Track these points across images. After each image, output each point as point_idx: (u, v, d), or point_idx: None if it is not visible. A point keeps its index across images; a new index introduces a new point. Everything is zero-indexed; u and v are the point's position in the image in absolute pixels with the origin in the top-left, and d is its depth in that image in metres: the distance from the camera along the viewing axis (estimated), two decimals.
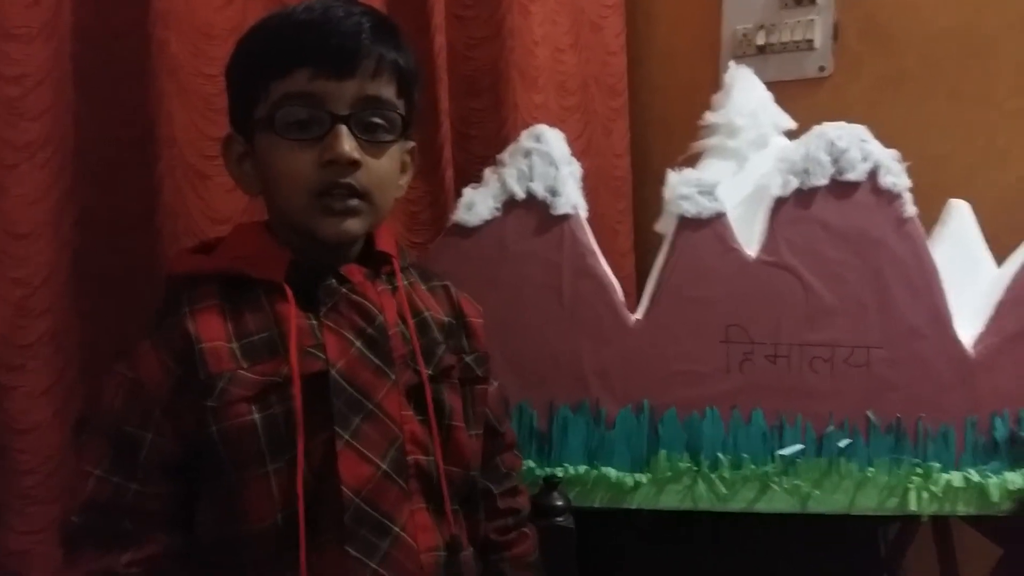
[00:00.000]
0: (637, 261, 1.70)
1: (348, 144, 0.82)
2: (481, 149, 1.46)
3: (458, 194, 1.23)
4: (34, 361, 0.97)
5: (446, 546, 0.85)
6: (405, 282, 0.92)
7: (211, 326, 0.81)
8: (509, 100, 1.45)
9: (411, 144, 0.93)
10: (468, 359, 0.95)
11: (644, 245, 1.69)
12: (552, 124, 1.24)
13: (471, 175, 1.36)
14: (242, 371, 0.80)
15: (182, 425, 0.80)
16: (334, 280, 0.85)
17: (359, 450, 0.81)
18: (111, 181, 1.05)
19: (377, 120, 0.84)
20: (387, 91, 0.85)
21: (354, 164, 0.82)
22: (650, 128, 1.77)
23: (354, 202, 0.83)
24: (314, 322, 0.83)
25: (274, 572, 0.80)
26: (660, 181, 1.19)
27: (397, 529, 0.81)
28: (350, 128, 0.82)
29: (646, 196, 1.71)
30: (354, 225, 0.85)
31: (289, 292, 0.83)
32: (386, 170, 0.86)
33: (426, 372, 0.87)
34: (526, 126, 1.40)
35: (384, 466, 0.82)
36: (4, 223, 0.96)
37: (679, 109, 1.72)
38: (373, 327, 0.85)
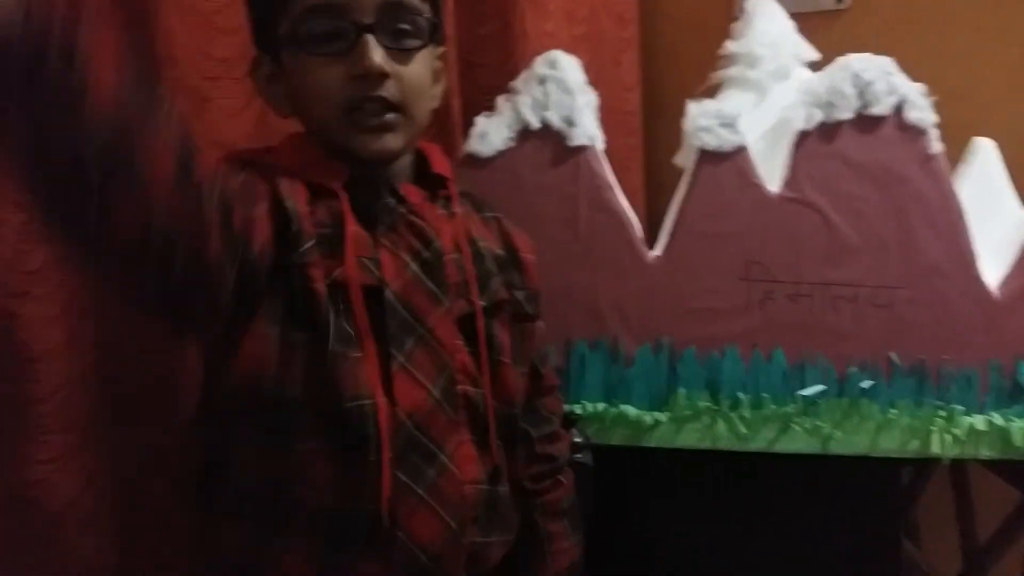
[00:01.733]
0: (647, 198, 1.66)
1: (377, 55, 0.79)
2: (488, 78, 1.40)
3: (465, 124, 1.19)
4: (40, 287, 0.93)
5: (488, 479, 0.84)
6: (461, 210, 0.89)
7: (296, 194, 0.78)
8: (517, 27, 1.39)
9: (441, 49, 0.90)
10: (519, 295, 0.92)
11: (655, 182, 1.65)
12: None
13: (478, 105, 1.31)
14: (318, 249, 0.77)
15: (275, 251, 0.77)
16: (392, 199, 0.83)
17: (412, 373, 0.79)
18: None
19: (404, 26, 0.81)
20: None
21: (383, 75, 0.79)
22: (661, 60, 1.72)
23: (389, 116, 0.81)
24: (370, 238, 0.81)
25: (309, 456, 0.77)
26: (671, 115, 1.15)
27: (444, 458, 0.80)
28: (377, 37, 0.79)
29: (657, 131, 1.66)
30: (392, 141, 0.82)
31: (344, 197, 0.80)
32: (419, 78, 0.83)
33: (480, 304, 0.85)
34: (535, 55, 1.34)
35: (435, 393, 0.80)
36: None
37: (691, 40, 1.67)
38: (429, 251, 0.82)
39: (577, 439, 1.04)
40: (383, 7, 0.80)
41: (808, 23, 1.48)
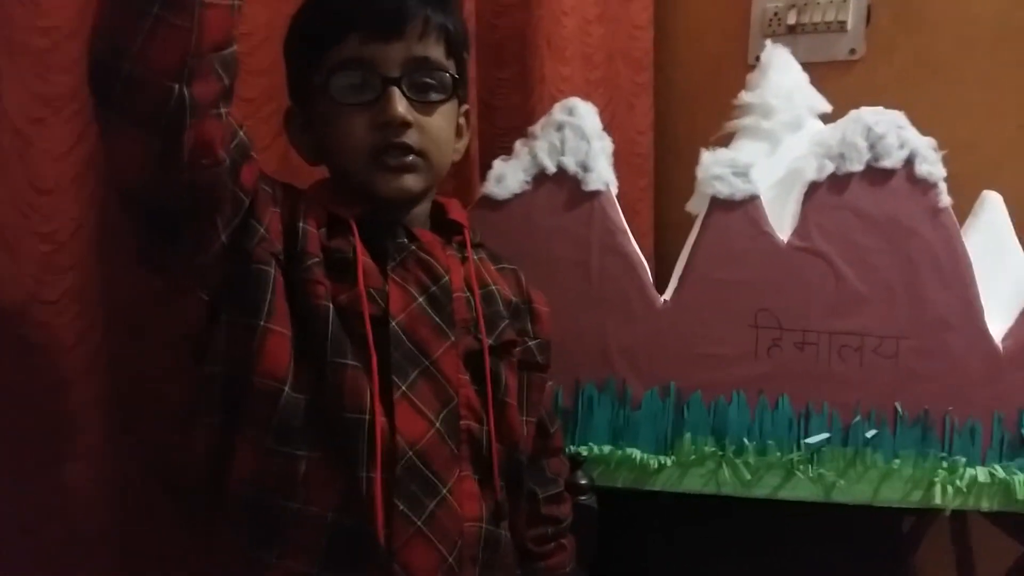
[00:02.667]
0: (656, 241, 1.69)
1: (400, 105, 0.84)
2: (505, 120, 1.44)
3: (483, 165, 1.21)
4: (59, 318, 0.95)
5: (490, 519, 0.85)
6: (475, 256, 0.93)
7: (313, 219, 0.83)
8: (536, 71, 1.43)
9: (465, 107, 0.95)
10: (531, 343, 0.95)
11: (664, 225, 1.67)
12: (577, 97, 1.22)
13: (495, 147, 1.34)
14: (325, 270, 0.81)
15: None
16: (405, 238, 0.87)
17: (415, 404, 0.81)
18: None
19: (428, 80, 0.86)
20: (436, 52, 0.87)
21: (406, 124, 0.84)
22: (674, 105, 1.75)
23: (410, 158, 0.85)
24: (380, 274, 0.84)
25: (311, 468, 0.79)
26: (682, 160, 1.18)
27: (445, 491, 0.81)
28: (401, 89, 0.84)
29: (668, 175, 1.69)
30: (411, 181, 0.86)
31: (354, 227, 0.84)
32: (439, 128, 0.88)
33: (487, 341, 0.87)
34: (552, 98, 1.38)
35: (438, 425, 0.82)
36: (29, 177, 0.94)
37: (705, 87, 1.70)
38: (437, 286, 0.86)
39: (582, 481, 1.05)
40: (409, 62, 0.85)
41: (821, 73, 1.50)
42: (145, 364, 1.01)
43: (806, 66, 1.38)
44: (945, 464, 1.09)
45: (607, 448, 1.12)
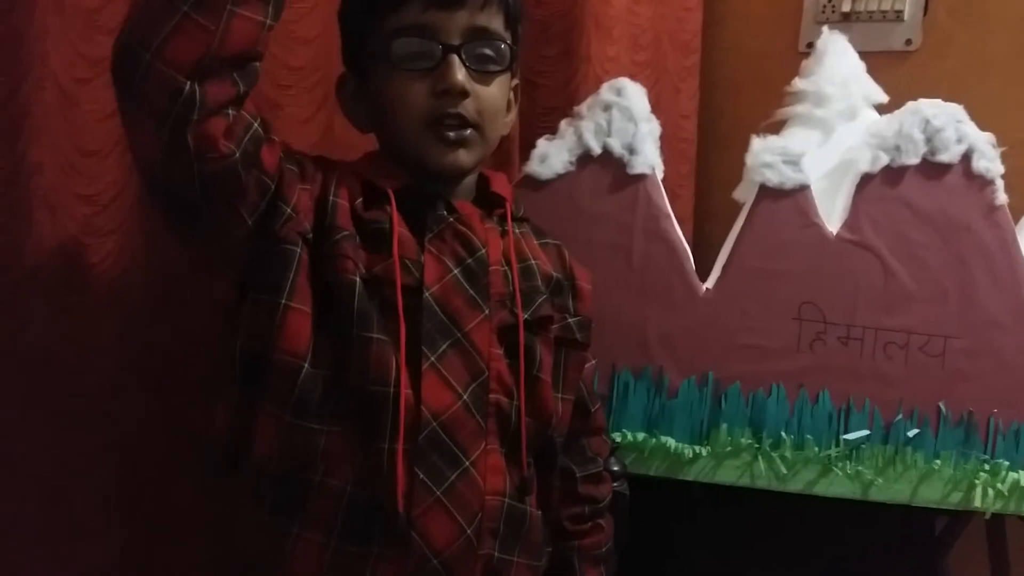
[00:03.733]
0: (695, 229, 1.66)
1: (460, 74, 0.83)
2: (548, 99, 1.41)
3: (523, 144, 1.20)
4: (98, 281, 0.95)
5: (514, 494, 0.84)
6: (517, 230, 0.92)
7: (348, 193, 0.83)
8: (582, 50, 1.40)
9: (516, 81, 0.94)
10: (571, 320, 0.94)
11: (704, 213, 1.64)
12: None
13: (536, 126, 1.32)
14: (357, 242, 0.81)
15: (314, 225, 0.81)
16: (444, 210, 0.86)
17: (443, 375, 0.80)
18: None
19: (486, 51, 0.86)
20: (495, 22, 0.86)
21: (465, 93, 0.84)
22: (720, 91, 1.72)
23: (466, 132, 0.85)
24: (417, 244, 0.84)
25: (333, 443, 0.79)
26: (726, 146, 1.16)
27: (467, 463, 0.80)
28: (461, 58, 0.83)
29: (710, 161, 1.66)
30: (464, 157, 0.86)
31: (393, 200, 0.83)
32: (495, 99, 0.87)
33: (522, 315, 0.86)
34: (597, 78, 1.35)
35: (465, 397, 0.81)
36: (74, 139, 0.94)
37: (753, 73, 1.67)
38: (474, 258, 0.85)
39: (614, 467, 1.04)
40: (469, 31, 0.84)
41: (876, 63, 1.46)
42: (183, 331, 1.01)
43: (861, 56, 1.34)
44: (987, 467, 1.07)
45: (641, 435, 1.11)
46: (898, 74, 1.54)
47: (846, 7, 1.58)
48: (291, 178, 0.80)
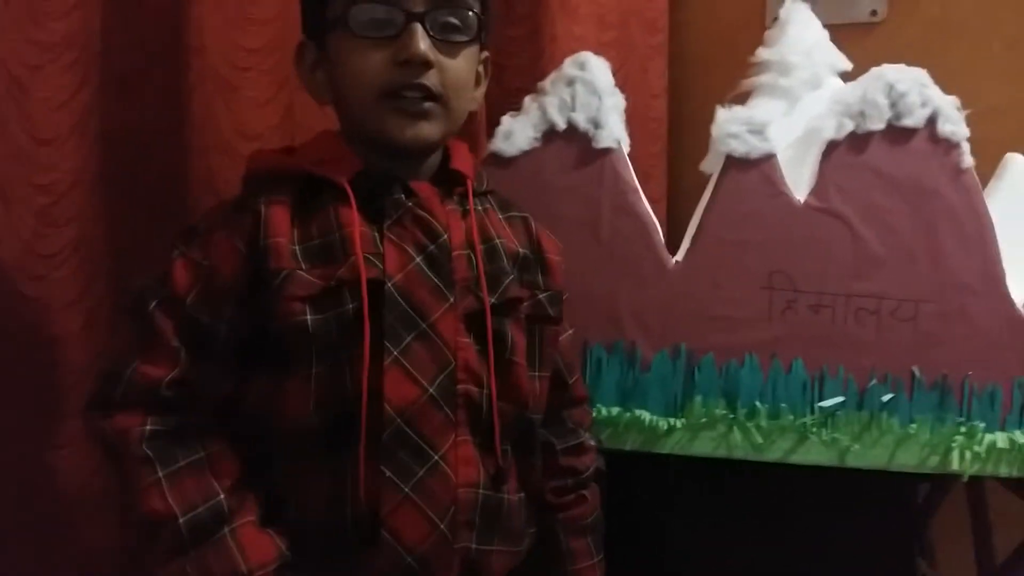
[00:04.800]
0: (669, 208, 1.65)
1: (423, 43, 0.79)
2: (515, 80, 1.40)
3: (489, 125, 1.19)
4: (58, 271, 0.94)
5: (488, 484, 0.82)
6: (479, 207, 0.89)
7: (280, 223, 0.80)
8: (547, 30, 1.39)
9: (485, 54, 0.90)
10: (541, 296, 0.91)
11: (677, 191, 1.63)
12: None
13: (503, 106, 1.30)
14: (300, 272, 0.78)
15: (254, 314, 0.78)
16: (402, 194, 0.83)
17: (407, 369, 0.78)
18: (139, 88, 1.01)
19: (452, 20, 0.82)
20: None
21: (428, 64, 0.80)
22: (689, 68, 1.71)
23: (428, 104, 0.81)
24: (375, 233, 0.81)
25: (305, 475, 0.79)
26: (697, 124, 1.14)
27: (436, 457, 0.79)
28: (425, 27, 0.79)
29: (682, 140, 1.65)
30: (427, 129, 0.82)
31: (351, 195, 0.80)
32: (461, 71, 0.83)
33: (488, 300, 0.83)
34: (564, 58, 1.34)
35: (431, 390, 0.79)
36: (28, 127, 0.92)
37: (721, 50, 1.66)
38: (435, 245, 0.82)
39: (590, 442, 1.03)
40: None
41: (842, 35, 1.46)
42: None
43: (827, 28, 1.33)
44: (963, 429, 1.07)
45: (616, 410, 1.10)
46: (865, 45, 1.53)
47: None
48: (222, 331, 0.79)
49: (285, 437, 0.79)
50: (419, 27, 0.79)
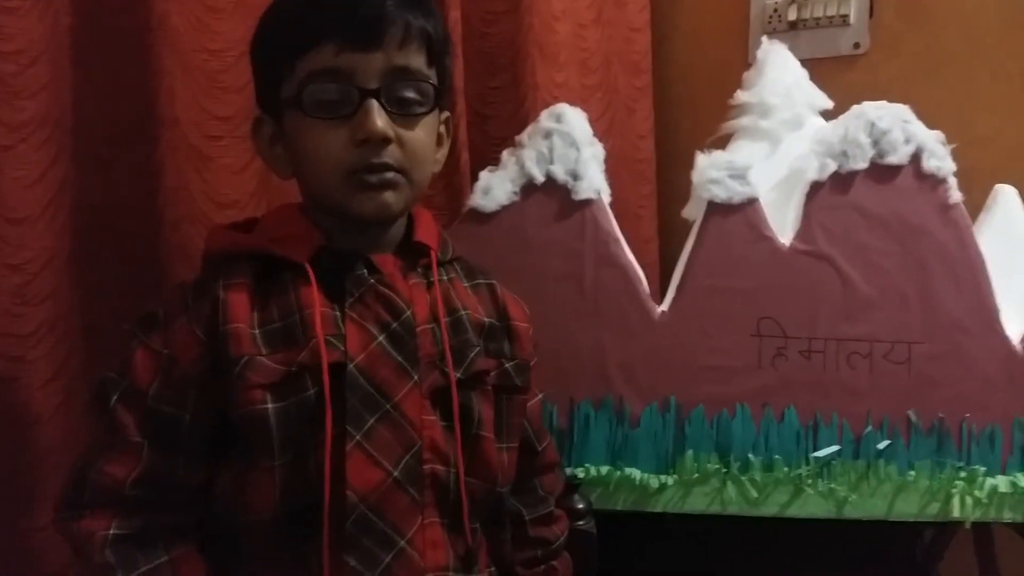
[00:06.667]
0: (661, 248, 1.64)
1: (380, 120, 0.78)
2: (499, 130, 1.40)
3: (474, 177, 1.18)
4: (33, 351, 0.93)
5: (457, 566, 0.80)
6: (444, 277, 0.87)
7: (238, 307, 0.78)
8: (528, 78, 1.39)
9: (446, 114, 0.89)
10: (508, 365, 0.88)
11: (668, 231, 1.63)
12: (573, 103, 1.18)
13: (488, 157, 1.30)
14: (260, 357, 0.76)
15: (216, 402, 0.77)
16: (364, 270, 0.81)
17: (370, 453, 0.76)
18: (111, 163, 1.00)
19: (408, 93, 0.80)
20: (417, 60, 0.81)
21: (387, 140, 0.78)
22: (675, 108, 1.71)
23: (391, 175, 0.79)
24: (337, 312, 0.79)
25: (270, 568, 0.77)
26: (685, 164, 1.13)
27: (403, 543, 0.76)
28: (381, 103, 0.78)
29: (671, 180, 1.65)
30: (392, 199, 0.80)
31: (311, 275, 0.79)
32: (421, 144, 0.82)
33: (454, 375, 0.81)
34: (546, 106, 1.34)
35: (396, 473, 0.77)
36: (0, 207, 0.91)
37: (706, 88, 1.66)
38: (399, 322, 0.80)
39: (579, 505, 1.01)
40: (388, 73, 0.79)
41: (825, 69, 1.46)
42: None
43: (810, 62, 1.33)
44: (963, 474, 1.04)
45: (605, 469, 1.07)
46: (849, 78, 1.54)
47: (792, 16, 1.57)
48: (189, 429, 0.77)
49: (250, 531, 0.77)
50: (375, 104, 0.78)
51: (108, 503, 0.75)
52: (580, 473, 1.07)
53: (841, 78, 1.52)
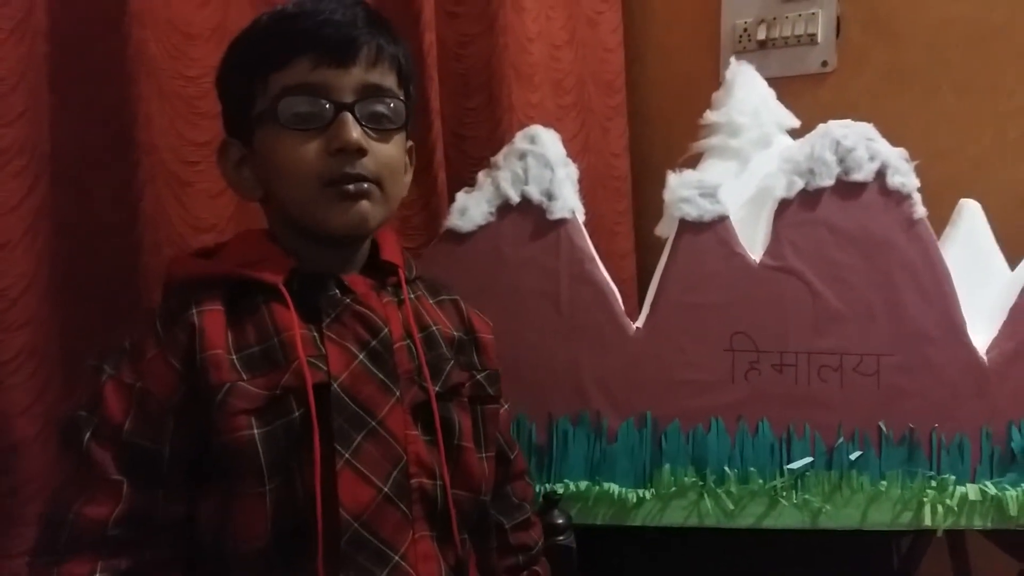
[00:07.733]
0: (638, 263, 1.66)
1: (355, 131, 0.79)
2: (475, 150, 1.41)
3: (451, 198, 1.19)
4: (13, 377, 0.93)
5: None
6: (411, 295, 0.88)
7: (214, 333, 0.77)
8: (504, 99, 1.41)
9: (410, 143, 0.90)
10: (479, 377, 0.90)
11: (644, 247, 1.65)
12: (548, 123, 1.20)
13: (465, 178, 1.31)
14: (242, 383, 0.76)
15: (195, 432, 0.76)
16: (337, 291, 0.82)
17: (360, 470, 0.77)
18: (89, 189, 1.01)
19: (380, 109, 0.82)
20: (388, 80, 0.83)
21: (362, 151, 0.80)
22: (649, 126, 1.73)
23: (367, 185, 0.81)
24: (315, 333, 0.80)
25: None
26: (660, 181, 1.15)
27: (397, 558, 0.77)
28: (355, 116, 0.80)
29: (646, 196, 1.67)
30: (367, 209, 0.81)
31: (288, 297, 0.79)
32: (393, 157, 0.84)
33: (433, 389, 0.83)
34: (522, 126, 1.36)
35: (386, 489, 0.78)
36: None
37: (679, 106, 1.69)
38: (377, 340, 0.81)
39: (559, 520, 1.02)
40: (361, 89, 0.81)
41: (795, 87, 1.49)
42: None
43: (779, 81, 1.36)
44: (934, 483, 1.06)
45: (584, 484, 1.09)
46: (817, 95, 1.57)
47: (761, 35, 1.60)
48: (168, 459, 0.76)
49: (239, 559, 0.76)
50: (349, 116, 0.79)
51: (89, 546, 0.73)
52: (560, 489, 1.08)
53: (810, 95, 1.55)
